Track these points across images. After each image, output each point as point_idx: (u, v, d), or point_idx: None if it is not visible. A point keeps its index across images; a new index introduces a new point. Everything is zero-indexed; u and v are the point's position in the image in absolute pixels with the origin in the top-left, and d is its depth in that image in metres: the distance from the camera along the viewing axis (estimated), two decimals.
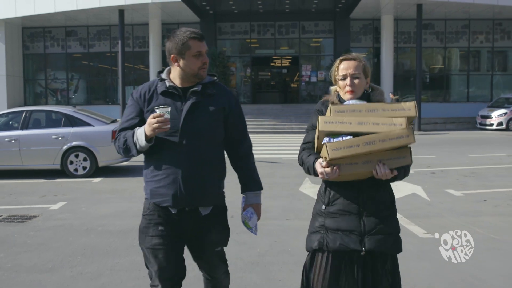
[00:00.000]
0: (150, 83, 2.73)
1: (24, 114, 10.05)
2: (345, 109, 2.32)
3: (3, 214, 6.73)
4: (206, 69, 2.65)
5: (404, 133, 2.22)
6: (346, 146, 2.24)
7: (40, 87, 27.23)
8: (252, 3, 22.94)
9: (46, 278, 4.22)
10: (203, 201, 2.65)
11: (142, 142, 2.49)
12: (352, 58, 2.59)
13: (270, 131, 20.55)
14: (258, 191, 2.84)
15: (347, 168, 2.30)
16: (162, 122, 2.40)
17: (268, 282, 4.10)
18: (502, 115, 20.76)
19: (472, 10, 22.73)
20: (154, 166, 2.63)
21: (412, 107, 2.29)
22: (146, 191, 2.69)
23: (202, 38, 2.62)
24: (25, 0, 22.41)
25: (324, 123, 2.30)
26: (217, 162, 2.69)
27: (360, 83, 2.55)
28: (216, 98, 2.67)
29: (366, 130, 2.26)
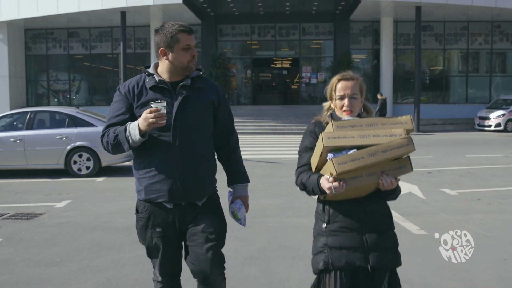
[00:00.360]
0: (137, 78, 2.71)
1: (28, 114, 10.26)
2: (347, 124, 2.37)
3: (10, 212, 6.93)
4: (195, 62, 2.66)
5: (404, 142, 2.29)
6: (352, 159, 2.27)
7: (42, 88, 27.46)
8: (253, 5, 23.17)
9: (54, 271, 4.41)
10: (199, 195, 2.66)
11: (136, 137, 2.47)
12: (350, 78, 2.61)
13: (270, 132, 20.74)
14: (245, 183, 2.87)
15: (353, 181, 2.33)
16: (159, 117, 2.39)
17: (267, 274, 4.29)
18: (500, 116, 20.96)
19: (470, 12, 22.92)
20: (146, 162, 2.62)
21: (409, 120, 2.38)
22: (139, 189, 2.67)
23: (191, 32, 2.62)
24: (28, 2, 22.63)
25: (328, 139, 2.33)
26: (209, 155, 2.73)
27: (357, 103, 2.59)
28: (205, 92, 2.69)
29: (368, 142, 2.31)
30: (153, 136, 2.55)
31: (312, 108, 23.20)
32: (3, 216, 6.69)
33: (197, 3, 22.28)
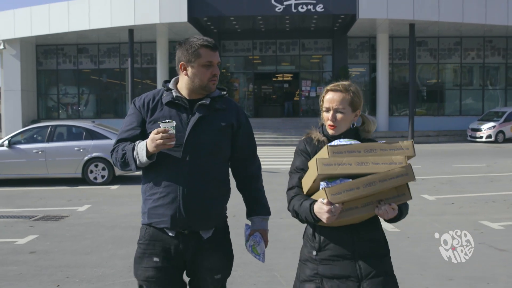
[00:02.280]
0: (155, 92, 2.55)
1: (49, 128, 11.29)
2: (344, 150, 2.19)
3: (39, 214, 7.92)
4: (216, 81, 2.47)
5: (403, 171, 2.14)
6: (346, 190, 2.11)
7: (52, 101, 28.55)
8: (254, 22, 24.23)
9: (88, 258, 5.40)
10: (204, 224, 2.44)
11: (143, 158, 2.30)
12: (339, 89, 2.38)
13: (271, 144, 21.70)
14: (266, 216, 2.62)
15: (347, 213, 2.17)
16: (167, 138, 2.22)
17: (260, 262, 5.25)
18: (491, 128, 21.89)
19: (463, 28, 23.95)
20: (153, 182, 2.43)
21: (410, 146, 2.24)
22: (143, 211, 2.48)
23: (215, 48, 2.44)
24: (41, 20, 23.75)
25: (323, 165, 2.14)
26: (221, 181, 2.50)
27: (344, 118, 2.37)
28: (224, 114, 2.49)
29: (366, 171, 2.14)
30: (163, 155, 2.36)
31: (311, 120, 24.18)
32: (33, 217, 7.69)
33: (201, 21, 23.38)
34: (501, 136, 21.86)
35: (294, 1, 21.37)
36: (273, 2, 21.45)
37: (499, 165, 13.79)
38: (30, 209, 8.42)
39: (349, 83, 2.45)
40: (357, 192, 2.12)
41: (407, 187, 2.22)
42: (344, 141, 2.31)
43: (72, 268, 5.04)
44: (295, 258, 5.01)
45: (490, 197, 8.93)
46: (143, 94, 2.57)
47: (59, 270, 5.00)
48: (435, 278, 4.66)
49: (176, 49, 2.49)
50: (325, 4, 21.41)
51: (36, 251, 5.73)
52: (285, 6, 21.42)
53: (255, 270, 4.96)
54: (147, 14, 21.74)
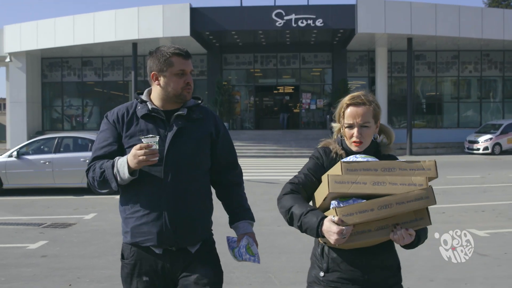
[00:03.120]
0: (128, 105, 2.45)
1: (56, 140, 11.71)
2: (359, 168, 2.04)
3: (47, 222, 8.30)
4: (191, 90, 2.40)
5: (423, 194, 1.98)
6: (359, 211, 1.96)
7: (56, 113, 29.05)
8: (256, 36, 24.75)
9: (96, 261, 5.78)
10: (192, 239, 2.36)
11: (125, 175, 2.20)
12: (361, 103, 2.24)
13: (271, 155, 22.06)
14: (251, 221, 2.55)
15: (359, 236, 2.02)
16: (150, 154, 2.13)
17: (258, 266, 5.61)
18: (488, 140, 22.27)
19: (460, 42, 24.45)
20: (134, 200, 2.33)
21: (433, 166, 2.09)
22: (125, 230, 2.38)
23: (187, 56, 2.38)
24: (47, 34, 24.33)
25: (335, 183, 2.00)
26: (205, 194, 2.43)
27: (369, 132, 2.24)
28: (202, 123, 2.43)
29: (382, 191, 1.99)
30: (142, 171, 2.27)
31: (311, 132, 24.67)
32: (42, 225, 8.07)
33: (203, 35, 23.89)
34: (498, 148, 22.23)
35: (294, 16, 21.90)
36: (274, 17, 21.99)
37: (493, 176, 14.15)
38: (39, 217, 8.80)
39: (366, 92, 2.31)
40: (371, 215, 1.97)
41: (427, 211, 2.06)
42: (361, 157, 2.18)
43: (82, 270, 5.41)
44: (289, 262, 5.42)
45: (480, 207, 9.29)
46: (115, 107, 2.47)
47: (70, 271, 5.37)
48: (417, 279, 5.02)
49: (147, 58, 2.43)
50: (325, 19, 21.92)
51: (47, 255, 6.10)
52: (286, 20, 21.95)
53: (251, 272, 5.32)
54: (150, 29, 22.29)
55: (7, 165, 11.35)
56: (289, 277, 5.13)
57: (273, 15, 22.00)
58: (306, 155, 21.45)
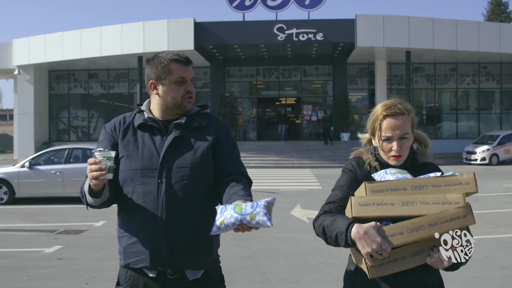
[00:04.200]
0: (126, 115, 2.31)
1: (66, 151, 12.25)
2: (385, 188, 1.86)
3: (60, 229, 8.81)
4: (193, 99, 2.22)
5: (460, 213, 1.79)
6: (388, 236, 1.77)
7: (62, 124, 29.67)
8: (258, 50, 25.37)
9: (109, 263, 6.28)
10: (191, 262, 2.10)
11: (87, 194, 2.02)
12: (399, 113, 2.06)
13: (273, 166, 22.55)
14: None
15: (393, 265, 1.83)
16: (97, 171, 1.89)
17: (257, 266, 6.11)
18: (485, 151, 22.73)
19: (458, 55, 25.01)
20: (128, 216, 2.12)
21: (472, 180, 1.89)
22: (119, 250, 2.17)
23: (187, 62, 2.20)
24: (55, 48, 25.02)
25: (359, 206, 1.83)
26: (206, 210, 2.12)
27: (408, 144, 2.08)
28: (204, 131, 2.21)
29: (413, 213, 1.80)
30: (136, 184, 2.09)
31: (312, 143, 25.18)
32: (56, 231, 8.58)
33: (207, 49, 24.51)
34: (495, 158, 22.67)
35: (296, 30, 22.52)
36: (275, 31, 22.61)
37: (487, 186, 14.59)
38: (51, 224, 9.31)
39: (400, 100, 2.16)
40: (400, 239, 1.77)
41: (467, 229, 1.86)
42: (391, 173, 2.00)
43: (97, 271, 5.92)
44: (286, 264, 5.98)
45: None
46: (114, 118, 2.34)
47: (85, 272, 5.88)
48: None
49: (144, 67, 2.27)
50: (325, 33, 22.53)
51: (63, 258, 6.61)
52: (287, 35, 22.57)
53: (250, 273, 5.81)
54: (155, 42, 22.92)
55: (20, 175, 11.90)
56: (286, 277, 5.62)
57: (275, 30, 22.63)
58: (307, 166, 21.98)
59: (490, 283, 5.41)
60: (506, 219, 9.35)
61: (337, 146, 24.29)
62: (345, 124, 25.76)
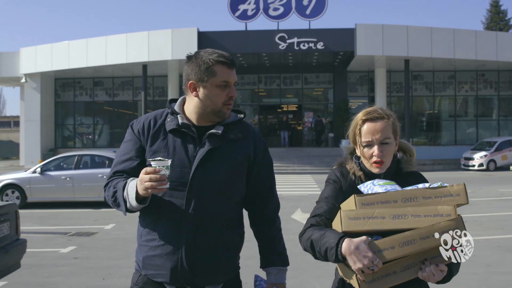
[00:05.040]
0: (157, 114, 2.16)
1: (76, 157, 12.76)
2: (375, 201, 1.82)
3: (72, 231, 9.29)
4: (232, 106, 2.09)
5: (452, 225, 1.77)
6: (378, 250, 1.74)
7: (68, 131, 30.22)
8: (260, 58, 25.93)
9: (122, 262, 6.75)
10: (212, 280, 2.07)
11: (133, 201, 1.91)
12: (379, 117, 2.03)
13: (275, 172, 22.87)
14: (283, 267, 2.25)
15: (384, 281, 1.79)
16: (157, 181, 1.81)
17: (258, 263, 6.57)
18: (482, 157, 23.18)
19: (457, 63, 25.52)
20: (151, 226, 2.06)
21: (462, 191, 1.87)
22: (138, 257, 2.13)
23: (233, 65, 2.06)
24: (61, 56, 25.60)
25: (348, 220, 1.79)
26: (234, 228, 2.11)
27: (390, 149, 2.02)
28: (240, 145, 2.10)
29: (404, 226, 1.77)
30: (164, 194, 2.00)
31: (313, 150, 25.66)
32: (68, 233, 9.06)
33: None
34: (493, 164, 23.11)
35: (297, 39, 23.06)
36: (277, 40, 23.16)
37: (483, 191, 15.04)
38: (64, 227, 9.79)
39: (383, 108, 2.13)
40: (392, 253, 1.74)
41: None
42: (379, 185, 1.95)
43: (112, 268, 6.40)
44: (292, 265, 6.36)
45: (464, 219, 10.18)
46: (143, 115, 2.20)
47: (101, 269, 6.36)
48: None
49: (185, 63, 2.11)
50: (325, 42, 23.07)
51: (78, 257, 7.09)
52: (288, 44, 23.11)
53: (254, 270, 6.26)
54: (160, 51, 23.48)
55: (32, 180, 12.40)
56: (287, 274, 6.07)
57: (276, 39, 23.18)
58: (308, 172, 22.43)
59: (474, 278, 5.86)
60: (497, 222, 9.81)
61: (338, 153, 24.75)
62: (345, 131, 26.14)
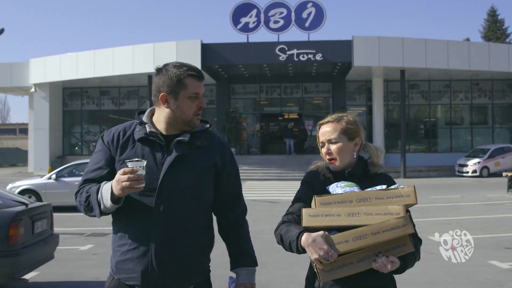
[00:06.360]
0: (126, 125, 2.27)
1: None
2: (332, 201, 2.03)
3: (87, 232, 10.17)
4: (200, 115, 2.22)
5: (400, 222, 1.93)
6: (333, 244, 1.94)
7: (75, 138, 31.15)
8: (261, 69, 26.82)
9: None
10: (182, 282, 2.14)
11: (108, 202, 1.98)
12: (328, 121, 2.30)
13: (275, 178, 23.82)
14: (252, 267, 2.35)
15: (341, 271, 1.99)
16: (135, 180, 1.90)
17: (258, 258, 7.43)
18: (476, 164, 24.02)
19: (452, 73, 26.38)
20: (122, 232, 2.13)
21: (412, 192, 2.03)
22: (111, 262, 2.20)
23: (201, 78, 2.19)
24: (69, 67, 26.57)
25: (308, 217, 1.99)
26: (203, 231, 2.19)
27: (340, 148, 2.23)
28: (207, 151, 2.20)
29: (357, 222, 1.96)
30: (133, 200, 2.07)
31: (313, 157, 26.24)
32: (84, 234, 9.95)
33: (213, 67, 25.96)
34: (486, 171, 23.94)
35: (296, 51, 23.99)
36: (277, 52, 24.09)
37: (472, 196, 15.88)
38: (79, 229, 10.67)
39: (342, 113, 2.36)
40: (345, 246, 1.94)
41: (409, 237, 2.01)
42: (341, 187, 2.17)
43: None
44: (282, 258, 7.48)
45: (448, 221, 11.06)
46: (113, 127, 2.30)
47: None
48: None
49: (154, 75, 2.22)
50: (324, 54, 23.99)
51: (97, 253, 7.98)
52: (288, 55, 24.04)
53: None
54: (165, 62, 24.26)
55: (47, 186, 13.31)
56: (280, 266, 6.96)
57: (277, 50, 24.11)
58: None
59: (442, 270, 6.73)
60: (478, 224, 10.66)
61: None
62: None
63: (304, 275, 2.07)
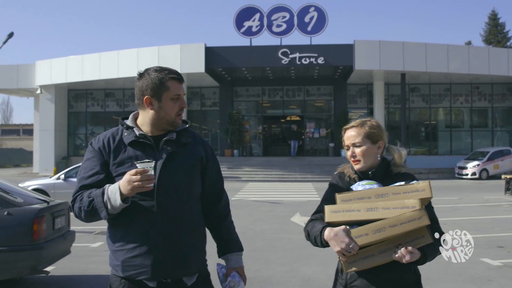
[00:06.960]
0: (113, 131, 2.36)
1: None
2: (352, 197, 2.19)
3: (97, 230, 10.55)
4: (182, 115, 2.35)
5: (416, 215, 2.05)
6: (354, 237, 2.08)
7: (80, 140, 31.54)
8: (264, 72, 27.18)
9: None
10: (188, 270, 2.29)
11: (116, 202, 2.08)
12: (353, 125, 2.47)
13: (277, 180, 24.16)
14: (239, 252, 2.52)
15: (363, 262, 2.14)
16: (146, 180, 2.04)
17: (260, 256, 7.79)
18: (475, 166, 24.35)
19: (452, 76, 26.72)
20: (123, 232, 2.23)
21: (427, 187, 2.16)
22: (114, 263, 2.27)
23: (182, 80, 2.32)
24: (75, 69, 26.98)
25: (331, 213, 2.17)
26: (198, 223, 2.37)
27: (364, 151, 2.40)
28: (192, 148, 2.37)
29: (376, 216, 2.10)
30: (132, 200, 2.17)
31: (314, 159, 26.86)
32: (94, 232, 10.34)
33: (216, 71, 26.35)
34: (485, 173, 24.27)
35: (298, 55, 24.37)
36: (280, 55, 24.47)
37: (470, 198, 16.21)
38: (88, 227, 10.99)
39: (366, 118, 2.50)
40: (366, 239, 2.08)
41: (427, 228, 2.13)
42: (362, 185, 2.34)
43: None
44: (284, 255, 7.82)
45: (444, 221, 11.40)
46: (100, 134, 2.40)
47: None
48: None
49: (136, 80, 2.33)
50: (325, 57, 24.36)
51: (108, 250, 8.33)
52: (290, 58, 24.42)
53: (255, 259, 7.49)
54: (169, 65, 24.10)
55: (56, 186, 13.71)
56: (281, 262, 7.31)
57: (279, 54, 24.50)
58: (309, 180, 23.61)
59: (437, 267, 7.03)
60: (474, 224, 11.01)
61: (338, 162, 25.82)
62: None
63: (304, 271, 2.40)
